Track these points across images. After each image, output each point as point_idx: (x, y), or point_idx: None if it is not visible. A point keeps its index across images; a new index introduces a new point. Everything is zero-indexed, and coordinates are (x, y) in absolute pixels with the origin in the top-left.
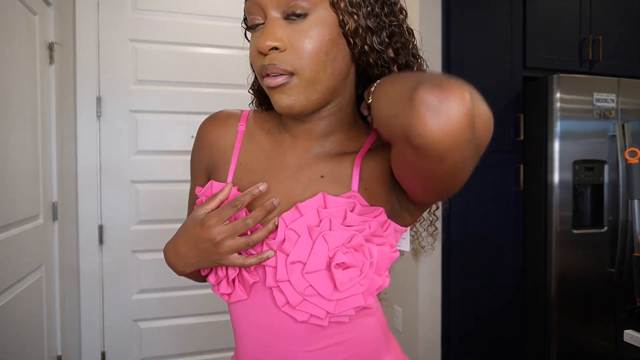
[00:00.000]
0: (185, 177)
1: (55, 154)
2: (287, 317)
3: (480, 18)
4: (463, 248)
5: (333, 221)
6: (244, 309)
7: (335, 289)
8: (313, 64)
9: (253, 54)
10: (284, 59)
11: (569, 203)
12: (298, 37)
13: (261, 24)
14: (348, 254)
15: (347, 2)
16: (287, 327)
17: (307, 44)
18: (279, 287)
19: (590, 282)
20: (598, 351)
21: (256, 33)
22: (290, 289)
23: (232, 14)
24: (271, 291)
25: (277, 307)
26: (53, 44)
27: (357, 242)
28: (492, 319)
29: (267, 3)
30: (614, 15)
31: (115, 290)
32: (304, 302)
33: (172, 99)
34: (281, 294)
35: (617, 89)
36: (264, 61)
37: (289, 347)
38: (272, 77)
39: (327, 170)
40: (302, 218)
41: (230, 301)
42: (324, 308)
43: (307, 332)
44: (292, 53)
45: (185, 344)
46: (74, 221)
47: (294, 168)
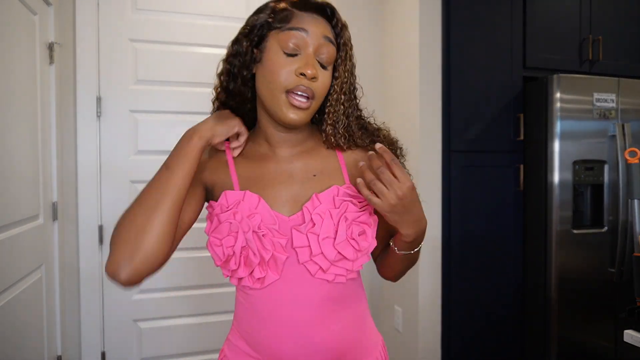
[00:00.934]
0: None
1: (55, 154)
2: (318, 281)
3: (480, 18)
4: (463, 248)
5: (347, 204)
6: (275, 288)
7: (356, 251)
8: (321, 97)
9: (287, 71)
10: (314, 86)
11: (569, 203)
12: (322, 77)
13: (298, 54)
14: (360, 225)
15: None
16: (318, 290)
17: (326, 84)
18: (312, 260)
19: (590, 282)
20: (598, 351)
21: (294, 59)
22: (322, 259)
23: (232, 14)
24: (303, 266)
25: (309, 277)
26: (53, 44)
27: (364, 218)
28: (492, 319)
29: (313, 45)
30: (614, 15)
31: (115, 290)
32: (332, 266)
33: (172, 99)
34: (315, 265)
35: (617, 89)
36: (302, 82)
37: (319, 309)
38: (300, 98)
39: (318, 169)
40: (322, 205)
41: (264, 285)
42: (346, 267)
43: (332, 290)
44: (318, 85)
45: (185, 344)
46: (74, 221)
47: (288, 172)
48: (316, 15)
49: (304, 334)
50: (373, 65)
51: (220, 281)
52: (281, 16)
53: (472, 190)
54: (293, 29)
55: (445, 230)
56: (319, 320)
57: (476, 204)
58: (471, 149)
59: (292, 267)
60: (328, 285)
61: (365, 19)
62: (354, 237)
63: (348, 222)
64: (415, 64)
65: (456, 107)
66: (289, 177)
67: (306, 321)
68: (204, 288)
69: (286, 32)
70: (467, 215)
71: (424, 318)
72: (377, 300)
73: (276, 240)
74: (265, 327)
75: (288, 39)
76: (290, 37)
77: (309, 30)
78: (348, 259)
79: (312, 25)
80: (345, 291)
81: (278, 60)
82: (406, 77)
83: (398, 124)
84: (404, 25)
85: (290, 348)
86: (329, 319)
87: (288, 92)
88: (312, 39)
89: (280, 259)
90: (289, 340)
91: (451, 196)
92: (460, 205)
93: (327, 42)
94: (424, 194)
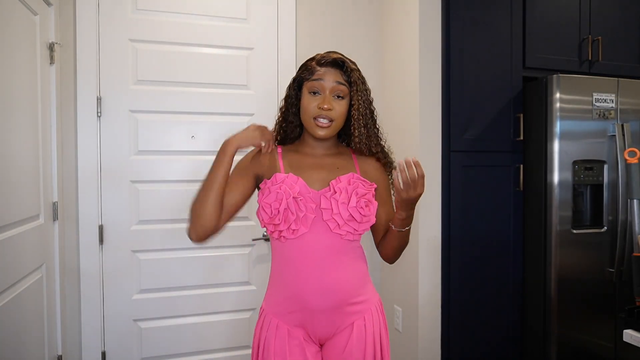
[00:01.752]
0: (185, 177)
1: (55, 154)
2: (334, 235)
3: (480, 18)
4: (463, 248)
5: (359, 184)
6: (304, 239)
7: (361, 216)
8: (340, 119)
9: (312, 106)
10: (331, 114)
11: (569, 203)
12: (337, 107)
13: (319, 93)
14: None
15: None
16: (334, 243)
17: (341, 111)
18: (333, 218)
19: (590, 281)
20: (597, 351)
21: (315, 97)
22: (339, 217)
23: (232, 14)
24: (325, 223)
25: (328, 231)
26: (53, 44)
27: (368, 196)
28: (491, 319)
29: (328, 89)
30: (614, 15)
31: (115, 290)
32: (345, 224)
33: (172, 99)
34: (333, 221)
35: (617, 89)
36: (321, 113)
37: (334, 257)
38: (323, 120)
39: (339, 163)
40: (342, 182)
41: (296, 236)
42: (354, 227)
43: (343, 246)
44: (335, 112)
45: (185, 344)
46: (74, 221)
47: (320, 164)
48: (331, 68)
49: (320, 275)
50: (373, 65)
51: (220, 281)
52: (309, 71)
53: (472, 190)
54: (314, 80)
55: (445, 230)
56: (332, 266)
57: (476, 204)
58: (471, 149)
59: (317, 223)
60: (341, 240)
61: (365, 19)
62: (362, 206)
63: (358, 196)
64: (415, 64)
65: (456, 107)
66: (321, 167)
67: (323, 265)
68: (204, 288)
69: (311, 82)
70: (467, 215)
71: (424, 318)
72: None
73: (308, 205)
74: (294, 267)
75: (312, 86)
76: (313, 84)
77: (325, 79)
78: (356, 220)
79: (327, 75)
80: (351, 249)
81: (307, 100)
82: (406, 77)
83: (398, 124)
84: (404, 25)
85: (310, 285)
86: (339, 267)
87: (315, 118)
88: (328, 83)
89: (310, 217)
90: (309, 279)
91: (451, 196)
92: (460, 205)
93: (338, 84)
94: (424, 193)
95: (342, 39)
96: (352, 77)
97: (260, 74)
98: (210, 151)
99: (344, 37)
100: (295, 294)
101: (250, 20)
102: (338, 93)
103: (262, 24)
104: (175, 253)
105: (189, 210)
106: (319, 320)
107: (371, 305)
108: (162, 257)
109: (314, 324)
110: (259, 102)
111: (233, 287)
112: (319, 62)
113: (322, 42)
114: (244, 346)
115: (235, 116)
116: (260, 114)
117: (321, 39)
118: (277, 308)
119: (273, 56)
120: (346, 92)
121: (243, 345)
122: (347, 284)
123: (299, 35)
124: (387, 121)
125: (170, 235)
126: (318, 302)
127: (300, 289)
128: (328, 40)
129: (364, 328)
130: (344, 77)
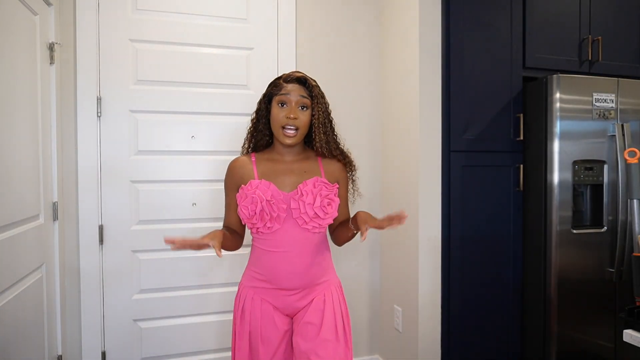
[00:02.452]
0: (185, 177)
1: (55, 154)
2: (303, 229)
3: (480, 18)
4: (463, 248)
5: (322, 187)
6: (277, 233)
7: (324, 213)
8: (305, 127)
9: (280, 116)
10: (297, 122)
11: (569, 203)
12: (302, 117)
13: (287, 104)
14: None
15: (317, 111)
16: (302, 236)
17: (305, 120)
18: (301, 216)
19: (590, 281)
20: (597, 351)
21: (283, 108)
22: (307, 215)
23: (232, 14)
24: (294, 220)
25: (298, 226)
26: (53, 44)
27: (331, 197)
28: (491, 319)
29: (294, 101)
30: (614, 15)
31: (115, 290)
32: (311, 220)
33: (172, 99)
34: (301, 219)
35: (617, 89)
36: (288, 122)
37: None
38: (290, 130)
39: (306, 167)
40: (308, 186)
41: (271, 231)
42: (318, 223)
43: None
44: (300, 121)
45: (185, 344)
46: (74, 221)
47: (290, 170)
48: (296, 84)
49: (291, 261)
50: (373, 65)
51: (220, 281)
52: (277, 87)
53: (472, 190)
54: (282, 94)
55: (445, 230)
56: (301, 255)
57: (476, 204)
58: (471, 149)
59: (288, 221)
60: (308, 233)
61: (365, 19)
62: (324, 205)
63: (321, 197)
64: (415, 64)
65: (456, 107)
66: (290, 172)
67: (293, 254)
68: (204, 288)
69: (279, 96)
70: (467, 215)
71: (424, 318)
72: (377, 300)
73: (280, 205)
74: (269, 257)
75: (280, 99)
76: (282, 98)
77: (291, 93)
78: (320, 217)
79: (292, 90)
80: (317, 241)
81: (277, 110)
82: (406, 77)
83: (398, 124)
84: (404, 25)
85: (283, 270)
86: (306, 255)
87: (283, 127)
88: (293, 97)
89: (282, 216)
90: (282, 265)
91: (451, 196)
92: (460, 205)
93: (302, 97)
94: (424, 193)
95: (342, 38)
96: (313, 92)
97: (260, 74)
98: (210, 151)
99: (344, 36)
100: (270, 277)
101: (250, 20)
102: (302, 104)
103: (262, 24)
104: (176, 253)
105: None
106: (287, 296)
107: (331, 285)
108: (162, 257)
109: (284, 300)
110: None
111: (233, 287)
112: (286, 79)
113: (322, 42)
114: None
115: (235, 116)
116: None
117: (321, 39)
118: (252, 283)
119: (273, 56)
120: (308, 104)
121: None
122: (313, 269)
123: (299, 35)
124: (387, 121)
125: (169, 234)
126: (288, 283)
127: (275, 273)
128: (328, 40)
129: (323, 302)
130: (307, 91)
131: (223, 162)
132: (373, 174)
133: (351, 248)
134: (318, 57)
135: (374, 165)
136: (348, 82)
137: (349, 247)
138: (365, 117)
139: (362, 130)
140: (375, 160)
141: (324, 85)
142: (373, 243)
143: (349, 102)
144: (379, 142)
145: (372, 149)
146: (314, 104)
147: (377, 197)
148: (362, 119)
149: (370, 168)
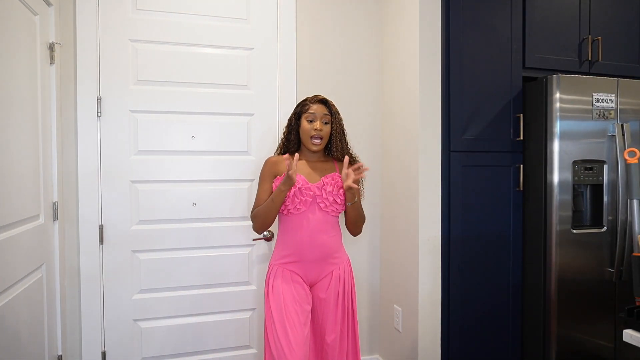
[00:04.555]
0: (185, 177)
1: (55, 154)
2: (324, 212)
3: (480, 18)
4: (463, 248)
5: (338, 180)
6: (304, 214)
7: (341, 199)
8: (327, 137)
9: (309, 129)
10: (321, 133)
11: (569, 203)
12: (325, 129)
13: (314, 120)
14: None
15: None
16: (323, 217)
17: (327, 132)
18: (323, 201)
19: (590, 281)
20: (597, 351)
21: (311, 123)
22: (327, 201)
23: (232, 14)
24: (317, 204)
25: (320, 209)
26: (53, 44)
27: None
28: (491, 319)
29: (319, 117)
30: (613, 16)
31: (115, 290)
32: (330, 205)
33: (172, 99)
34: (324, 203)
35: (617, 89)
36: (315, 134)
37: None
38: (316, 139)
39: (326, 167)
40: (329, 179)
41: (299, 212)
42: (335, 207)
43: (328, 219)
44: (324, 133)
45: (185, 344)
46: (74, 221)
47: (314, 168)
48: (320, 104)
49: (313, 237)
50: (373, 64)
51: (220, 281)
52: (305, 107)
53: (472, 190)
54: (310, 112)
55: (445, 230)
56: (321, 232)
57: (476, 204)
58: (471, 149)
59: (313, 205)
60: (327, 215)
61: (365, 19)
62: (340, 194)
63: (338, 187)
64: (415, 64)
65: (456, 107)
66: (314, 169)
67: (315, 231)
68: (205, 288)
69: (307, 113)
70: (467, 216)
71: (423, 318)
72: (377, 300)
73: (307, 192)
74: (296, 232)
75: (308, 116)
76: (309, 115)
77: (316, 112)
78: (337, 203)
79: (318, 109)
80: (333, 222)
81: (306, 125)
82: (406, 77)
83: (398, 124)
84: (404, 25)
85: (306, 244)
86: (325, 233)
87: (311, 137)
88: (318, 114)
89: (308, 201)
90: (306, 240)
91: (451, 196)
92: (460, 206)
93: (325, 115)
94: (424, 193)
95: (342, 38)
96: (332, 110)
97: (260, 74)
98: (210, 151)
99: (344, 36)
100: (295, 250)
101: (251, 20)
102: (325, 120)
103: (262, 24)
104: (175, 253)
105: (255, 216)
106: (311, 267)
107: (343, 260)
108: (162, 257)
109: (307, 270)
110: (259, 102)
111: (233, 287)
112: (312, 101)
113: (322, 42)
114: (245, 346)
115: (235, 116)
116: (260, 114)
117: (321, 39)
118: (281, 260)
119: (273, 56)
120: (329, 120)
121: (243, 345)
122: (330, 243)
123: (299, 35)
124: (388, 121)
125: (170, 235)
126: (311, 255)
127: (299, 246)
128: (328, 40)
129: (339, 274)
130: (328, 110)
131: (223, 162)
132: (373, 174)
133: (351, 248)
134: (318, 57)
135: (374, 165)
136: (348, 83)
137: (349, 247)
138: (366, 117)
139: (362, 130)
140: (375, 160)
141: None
142: (373, 243)
143: (349, 102)
144: (379, 142)
145: (372, 149)
146: (333, 119)
147: (377, 197)
148: (362, 119)
149: (370, 168)
